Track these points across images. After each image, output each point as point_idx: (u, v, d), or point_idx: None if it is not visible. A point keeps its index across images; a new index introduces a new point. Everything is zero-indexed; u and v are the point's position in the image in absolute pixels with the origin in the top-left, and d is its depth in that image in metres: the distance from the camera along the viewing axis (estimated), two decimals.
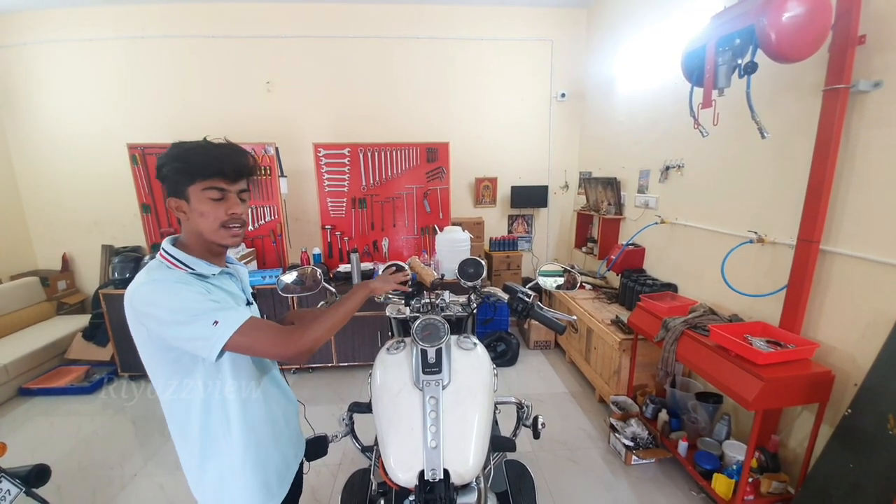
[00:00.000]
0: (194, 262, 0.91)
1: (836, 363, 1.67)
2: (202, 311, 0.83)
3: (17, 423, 2.73)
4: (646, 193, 3.02)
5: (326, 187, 3.37)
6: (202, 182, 0.87)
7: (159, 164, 0.89)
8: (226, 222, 0.90)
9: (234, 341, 0.83)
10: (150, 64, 3.71)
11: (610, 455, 2.32)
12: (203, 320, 0.82)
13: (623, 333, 2.54)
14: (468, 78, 3.96)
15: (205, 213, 0.88)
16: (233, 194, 0.91)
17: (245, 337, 0.84)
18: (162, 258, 0.90)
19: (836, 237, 1.68)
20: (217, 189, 0.88)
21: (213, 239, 0.91)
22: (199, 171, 0.86)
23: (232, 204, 0.90)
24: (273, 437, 1.04)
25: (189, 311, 0.82)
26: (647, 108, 3.00)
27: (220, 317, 0.83)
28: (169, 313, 0.82)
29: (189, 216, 0.89)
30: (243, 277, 1.08)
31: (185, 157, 0.86)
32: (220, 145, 0.91)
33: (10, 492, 1.40)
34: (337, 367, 3.31)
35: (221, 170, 0.88)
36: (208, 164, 0.87)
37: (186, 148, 0.87)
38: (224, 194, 0.89)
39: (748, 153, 2.10)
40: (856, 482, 1.41)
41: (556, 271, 1.46)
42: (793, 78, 1.84)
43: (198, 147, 0.88)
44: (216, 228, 0.90)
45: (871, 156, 1.56)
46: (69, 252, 4.10)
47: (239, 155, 0.91)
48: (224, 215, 0.89)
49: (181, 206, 0.89)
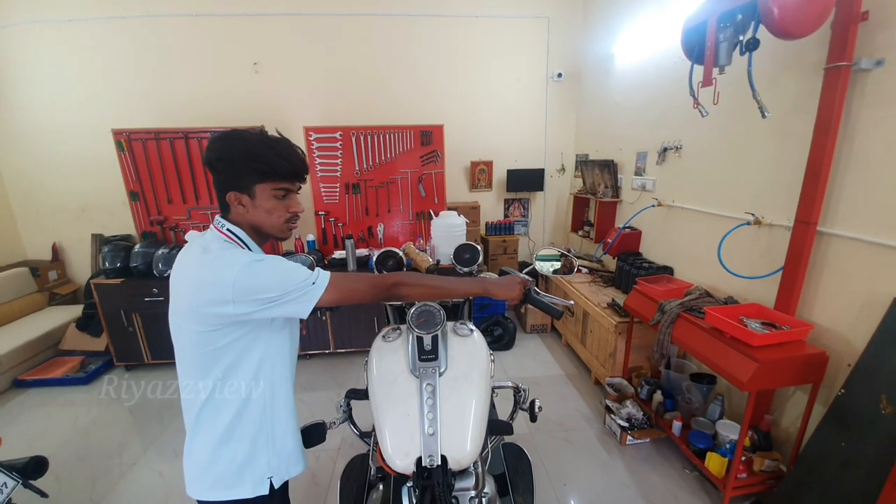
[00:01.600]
0: (253, 245, 0.96)
1: (831, 344, 1.68)
2: (300, 273, 0.89)
3: (14, 415, 2.73)
4: (643, 176, 3.00)
5: (319, 172, 3.31)
6: (274, 182, 0.91)
7: (217, 154, 0.89)
8: (289, 219, 0.96)
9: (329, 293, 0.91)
10: (132, 45, 3.57)
11: (605, 436, 2.35)
12: (303, 280, 0.89)
13: (619, 316, 2.55)
14: (463, 57, 3.86)
15: (271, 211, 0.93)
16: (295, 193, 0.97)
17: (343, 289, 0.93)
18: (225, 236, 0.92)
19: (834, 218, 1.67)
20: (285, 189, 0.93)
21: (274, 233, 0.97)
22: (276, 172, 0.90)
23: (294, 203, 0.97)
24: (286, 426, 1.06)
25: (289, 275, 0.88)
26: (645, 89, 2.95)
27: (313, 277, 0.91)
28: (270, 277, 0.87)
29: (249, 210, 0.92)
30: None
31: (261, 155, 0.88)
32: (287, 144, 0.93)
33: (6, 484, 1.39)
34: (334, 354, 3.32)
35: (296, 173, 0.94)
36: (284, 166, 0.91)
37: (258, 143, 0.89)
38: (288, 193, 0.95)
39: (747, 134, 2.07)
40: (847, 460, 1.44)
41: (553, 255, 1.45)
42: (794, 56, 1.80)
43: (269, 145, 0.90)
44: (281, 224, 0.96)
45: (871, 136, 1.54)
46: (59, 242, 4.03)
47: (303, 156, 0.96)
48: (287, 213, 0.95)
49: (242, 200, 0.92)
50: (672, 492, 1.95)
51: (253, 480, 0.97)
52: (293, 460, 1.05)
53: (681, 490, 1.96)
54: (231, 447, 0.95)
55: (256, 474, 0.98)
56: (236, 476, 0.96)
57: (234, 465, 0.96)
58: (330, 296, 0.91)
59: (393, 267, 1.42)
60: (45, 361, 3.24)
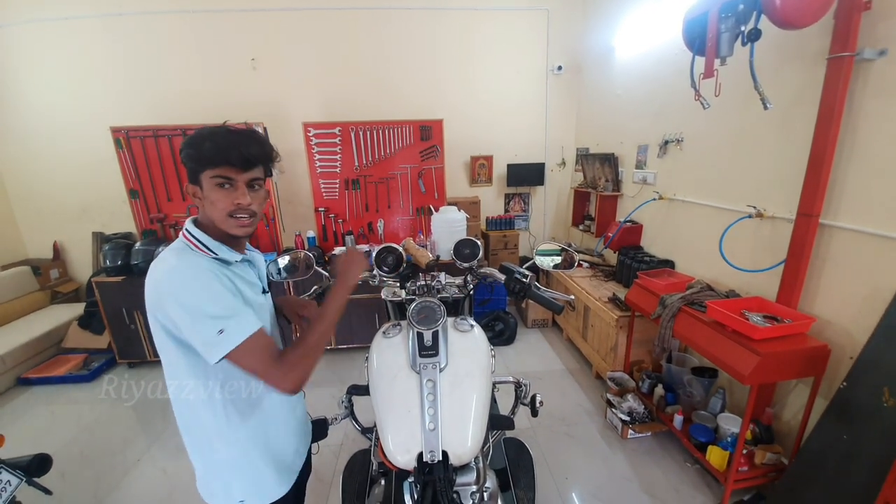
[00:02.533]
0: (217, 246, 0.90)
1: (833, 337, 1.68)
2: (212, 314, 0.81)
3: (18, 413, 2.74)
4: (644, 169, 2.98)
5: (318, 168, 3.30)
6: (211, 170, 0.85)
7: (180, 149, 0.88)
8: (232, 212, 0.88)
9: (232, 355, 0.82)
10: (130, 43, 3.54)
11: (607, 430, 2.36)
12: (211, 325, 0.80)
13: (620, 311, 2.54)
14: (462, 51, 3.82)
15: (214, 202, 0.87)
16: (241, 183, 0.88)
17: (243, 355, 0.83)
18: (185, 239, 0.90)
19: (836, 211, 1.66)
20: (224, 178, 0.86)
21: (222, 228, 0.90)
22: (209, 160, 0.85)
23: (239, 194, 0.88)
24: (280, 427, 1.05)
25: (200, 311, 0.80)
26: (645, 81, 2.93)
27: (227, 325, 0.81)
28: (182, 307, 0.81)
29: (203, 202, 0.89)
30: (260, 265, 1.08)
31: (198, 143, 0.85)
32: (234, 132, 0.88)
33: (10, 482, 1.40)
34: (336, 350, 3.32)
35: (228, 158, 0.85)
36: (217, 152, 0.84)
37: (202, 134, 0.86)
38: (232, 183, 0.87)
39: (749, 126, 2.05)
40: (849, 453, 1.44)
41: (554, 250, 1.44)
42: (796, 46, 1.77)
43: (211, 133, 0.86)
44: (224, 217, 0.88)
45: (874, 126, 1.53)
46: (60, 240, 4.03)
47: (251, 143, 0.88)
48: (230, 205, 0.87)
49: (196, 193, 0.89)
50: (673, 485, 1.96)
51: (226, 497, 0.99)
52: (266, 487, 1.01)
53: (682, 483, 1.97)
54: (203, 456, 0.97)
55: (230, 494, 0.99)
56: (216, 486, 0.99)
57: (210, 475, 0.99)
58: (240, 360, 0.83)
59: (392, 263, 1.41)
60: (47, 359, 3.25)
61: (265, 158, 0.92)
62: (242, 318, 0.84)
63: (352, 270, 1.08)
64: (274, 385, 0.84)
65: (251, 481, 0.99)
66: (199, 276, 0.82)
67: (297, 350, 0.88)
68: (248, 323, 0.84)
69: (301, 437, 1.14)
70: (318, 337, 0.93)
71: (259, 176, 0.91)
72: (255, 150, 0.88)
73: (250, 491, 0.99)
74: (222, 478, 0.98)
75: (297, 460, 1.10)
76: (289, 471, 1.07)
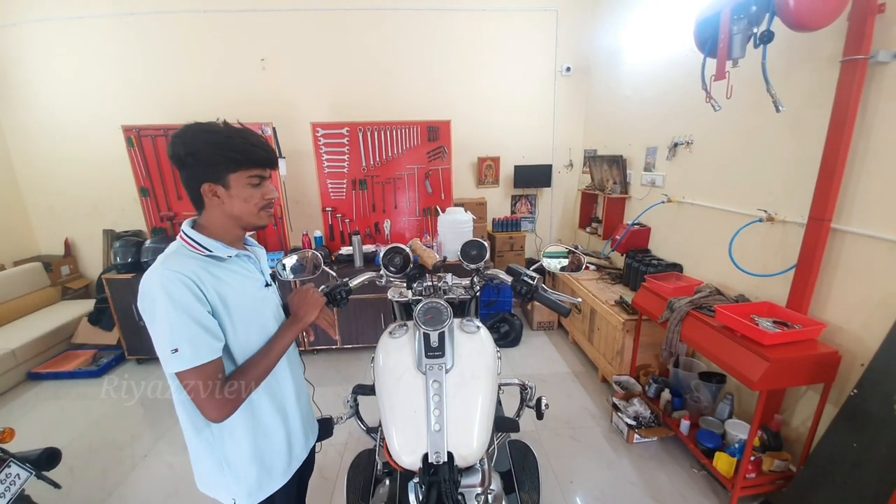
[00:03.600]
0: (213, 244, 0.93)
1: (844, 343, 1.65)
2: (169, 336, 0.83)
3: (28, 408, 2.78)
4: (652, 171, 2.96)
5: (326, 168, 3.32)
6: (248, 170, 0.92)
7: (185, 149, 0.88)
8: (264, 206, 0.97)
9: (180, 375, 0.86)
10: (141, 42, 3.60)
11: (612, 434, 2.34)
12: (167, 342, 0.83)
13: (627, 314, 2.53)
14: (470, 52, 3.83)
15: (248, 199, 0.94)
16: (268, 180, 0.98)
17: (189, 379, 0.85)
18: (182, 240, 0.93)
19: (849, 215, 1.64)
20: (259, 176, 0.94)
21: (253, 221, 0.97)
22: (250, 160, 0.91)
23: (269, 189, 0.97)
24: (277, 424, 1.05)
25: (159, 331, 0.84)
26: (655, 82, 2.90)
27: (182, 347, 0.83)
28: (148, 320, 0.85)
29: (224, 201, 0.92)
30: (262, 259, 1.10)
31: (234, 144, 0.89)
32: (254, 133, 0.95)
33: (20, 476, 1.42)
34: (341, 349, 3.33)
35: (266, 159, 0.94)
36: (257, 153, 0.92)
37: (227, 133, 0.90)
38: (262, 181, 0.95)
39: (760, 129, 2.03)
40: (858, 461, 1.41)
41: (561, 252, 1.43)
42: (809, 49, 1.75)
43: (239, 134, 0.91)
44: (256, 212, 0.96)
45: (888, 130, 1.50)
46: (71, 237, 4.09)
47: (266, 143, 0.96)
48: (262, 200, 0.96)
49: (217, 191, 0.91)
50: (679, 491, 1.94)
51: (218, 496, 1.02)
52: (255, 486, 1.02)
53: (688, 489, 1.95)
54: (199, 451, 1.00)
55: (219, 492, 1.02)
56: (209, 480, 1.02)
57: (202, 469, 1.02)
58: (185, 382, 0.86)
59: (399, 264, 1.42)
60: (57, 355, 3.29)
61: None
62: (199, 344, 0.85)
63: (307, 312, 1.08)
64: (204, 414, 0.88)
65: (241, 480, 1.00)
66: (171, 294, 0.83)
67: (235, 386, 0.90)
68: (203, 351, 0.85)
69: (301, 433, 1.14)
70: (260, 372, 0.96)
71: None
72: (271, 149, 0.97)
73: (241, 489, 1.00)
74: (213, 472, 1.00)
75: (291, 462, 1.10)
76: (281, 471, 1.07)
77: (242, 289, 0.96)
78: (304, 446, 1.16)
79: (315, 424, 1.25)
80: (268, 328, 1.02)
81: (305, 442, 1.16)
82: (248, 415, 0.98)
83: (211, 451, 0.98)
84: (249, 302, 0.97)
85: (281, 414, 1.06)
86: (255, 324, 0.99)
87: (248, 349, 0.97)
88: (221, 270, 0.93)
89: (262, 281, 1.05)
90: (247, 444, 0.99)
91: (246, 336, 0.96)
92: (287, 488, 1.08)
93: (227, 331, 0.92)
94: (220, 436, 0.97)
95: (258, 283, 1.03)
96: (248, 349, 0.97)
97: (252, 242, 1.11)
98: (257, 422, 1.01)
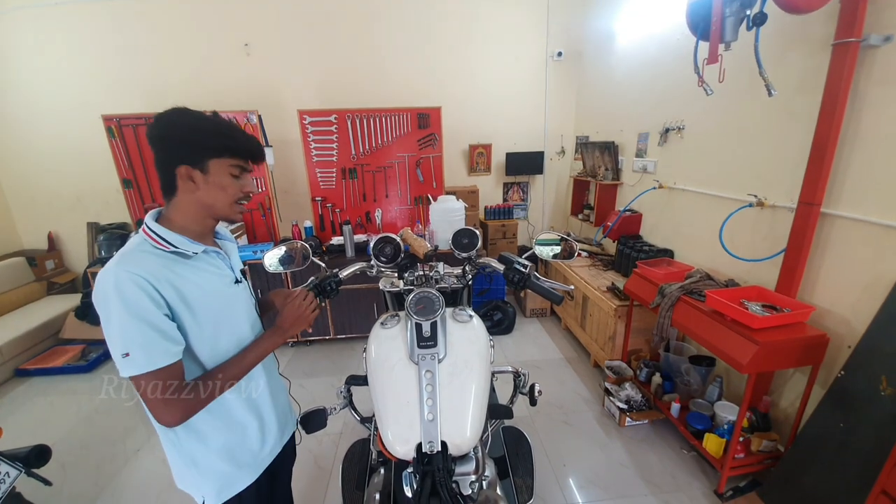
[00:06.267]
0: (178, 239, 0.88)
1: (832, 326, 1.68)
2: (120, 339, 0.78)
3: (17, 404, 2.74)
4: (644, 157, 2.95)
5: (314, 157, 3.25)
6: (232, 158, 0.89)
7: (166, 131, 0.85)
8: (240, 199, 0.93)
9: (133, 380, 0.81)
10: (121, 29, 3.46)
11: (604, 418, 2.37)
12: (119, 347, 0.78)
13: (619, 300, 2.54)
14: (461, 36, 3.75)
15: (225, 188, 0.90)
16: (249, 174, 0.95)
17: (141, 384, 0.81)
18: (145, 234, 0.88)
19: (838, 199, 1.65)
20: (242, 168, 0.92)
21: (225, 213, 0.93)
22: (234, 148, 0.89)
23: (247, 182, 0.94)
24: (250, 421, 1.02)
25: (111, 333, 0.79)
26: (647, 67, 2.88)
27: (133, 352, 0.78)
28: (103, 321, 0.80)
29: (200, 186, 0.88)
30: (232, 254, 1.04)
31: (220, 130, 0.87)
32: (238, 126, 0.94)
33: (8, 474, 1.40)
34: (334, 340, 3.33)
35: (253, 151, 0.92)
36: (242, 142, 0.90)
37: (215, 120, 0.88)
38: (243, 173, 0.92)
39: (751, 113, 2.02)
40: (845, 440, 1.45)
41: (553, 240, 1.42)
42: (801, 32, 1.74)
43: (228, 123, 0.90)
44: (230, 204, 0.92)
45: (879, 114, 1.50)
46: (54, 231, 3.99)
47: (257, 140, 0.96)
48: (239, 193, 0.92)
49: (193, 175, 0.87)
50: (670, 471, 1.98)
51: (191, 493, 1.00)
52: (225, 484, 0.99)
53: (679, 470, 1.99)
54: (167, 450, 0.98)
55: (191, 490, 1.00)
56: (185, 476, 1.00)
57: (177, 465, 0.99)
58: (138, 387, 0.81)
59: (390, 253, 1.39)
60: (45, 350, 3.24)
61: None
62: (152, 349, 0.80)
63: (295, 325, 1.04)
64: (156, 418, 0.83)
65: (209, 478, 0.97)
66: (124, 296, 0.78)
67: (195, 392, 0.85)
68: (156, 356, 0.80)
69: (274, 433, 1.10)
70: (229, 378, 0.91)
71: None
72: (260, 146, 0.95)
73: (210, 487, 0.98)
74: (183, 470, 0.97)
75: (264, 458, 1.07)
76: (254, 468, 1.04)
77: (209, 286, 0.91)
78: (279, 441, 1.13)
79: (292, 418, 1.22)
80: (238, 327, 0.98)
81: (280, 437, 1.13)
82: (217, 413, 0.95)
83: (178, 451, 0.95)
84: (217, 300, 0.93)
85: (254, 411, 1.03)
86: (225, 323, 0.94)
87: (217, 349, 0.93)
88: (185, 268, 0.88)
89: (232, 277, 1.00)
90: (215, 442, 0.96)
91: (214, 336, 0.92)
92: (258, 483, 1.05)
93: (189, 331, 0.87)
94: (185, 437, 0.93)
95: (227, 279, 0.98)
96: (216, 349, 0.93)
97: (224, 235, 1.05)
98: (229, 420, 0.97)
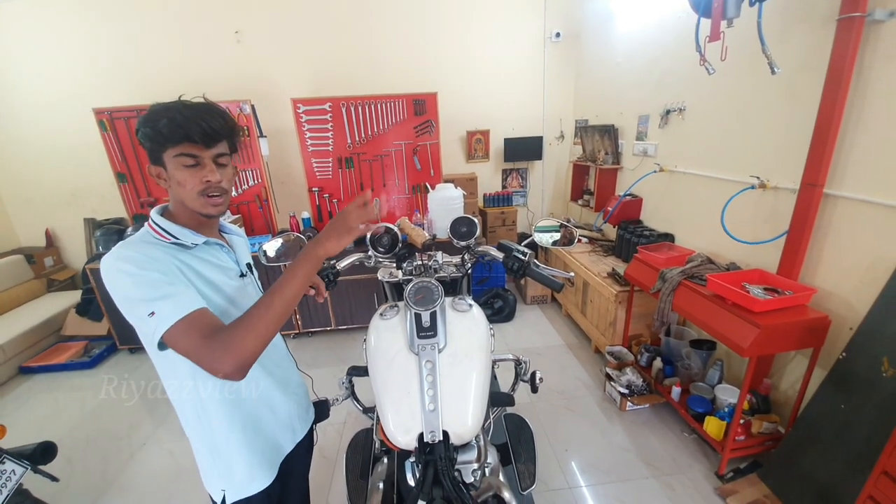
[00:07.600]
0: (179, 231, 0.86)
1: (833, 308, 1.67)
2: (139, 297, 0.74)
3: (21, 402, 2.76)
4: (644, 140, 2.91)
5: (310, 147, 3.21)
6: (173, 148, 0.80)
7: (138, 131, 0.82)
8: (203, 190, 0.83)
9: (167, 338, 0.73)
10: (110, 20, 3.38)
11: (606, 402, 2.39)
12: (140, 309, 0.74)
13: (619, 286, 2.53)
14: (456, 18, 3.66)
15: (182, 182, 0.82)
16: (208, 160, 0.83)
17: (177, 337, 0.73)
18: (149, 227, 0.87)
19: (841, 180, 1.62)
20: (188, 156, 0.81)
21: (194, 208, 0.85)
22: (168, 137, 0.79)
23: (207, 171, 0.83)
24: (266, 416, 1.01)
25: (128, 297, 0.75)
26: (647, 47, 2.81)
27: (157, 307, 0.73)
28: (118, 299, 0.76)
29: (169, 183, 0.84)
30: (238, 248, 1.02)
31: (153, 121, 0.78)
32: (191, 105, 0.81)
33: (14, 472, 1.41)
34: (336, 331, 3.33)
35: (188, 134, 0.79)
36: (175, 128, 0.78)
37: (157, 110, 0.79)
38: (198, 160, 0.82)
39: (753, 93, 1.98)
40: (846, 422, 1.45)
41: (553, 227, 1.40)
42: (804, 7, 1.69)
43: (166, 109, 0.79)
44: (195, 197, 0.84)
45: (884, 91, 1.47)
46: (51, 227, 3.97)
47: (211, 116, 0.81)
48: (200, 183, 0.83)
49: (161, 174, 0.84)
50: (671, 454, 2.00)
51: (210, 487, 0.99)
52: (246, 478, 0.97)
53: (680, 453, 2.00)
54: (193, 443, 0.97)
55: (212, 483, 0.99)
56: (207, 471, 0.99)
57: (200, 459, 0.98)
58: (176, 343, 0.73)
59: (388, 243, 1.38)
60: (48, 348, 3.25)
61: (228, 132, 0.85)
62: (178, 298, 0.75)
63: (333, 236, 0.84)
64: (207, 368, 0.72)
65: (229, 472, 0.96)
66: (129, 260, 0.76)
67: (236, 327, 0.75)
68: (184, 303, 0.75)
69: (291, 425, 1.10)
70: (263, 310, 0.77)
71: (224, 151, 0.86)
72: (217, 123, 0.82)
73: (229, 482, 0.97)
74: (207, 464, 0.97)
75: (275, 456, 1.05)
76: (269, 464, 1.02)
77: (212, 277, 0.89)
78: (292, 440, 1.11)
79: (306, 414, 1.19)
80: None
81: (293, 436, 1.11)
82: (233, 406, 0.94)
83: (202, 442, 0.95)
84: (220, 292, 0.90)
85: (264, 412, 1.01)
86: (230, 315, 0.90)
87: None
88: (187, 257, 0.86)
89: (237, 271, 0.98)
90: (235, 435, 0.94)
91: None
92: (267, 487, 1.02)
93: None
94: (207, 426, 0.93)
95: (231, 272, 0.96)
96: None
97: (230, 229, 1.03)
98: (243, 413, 0.96)
